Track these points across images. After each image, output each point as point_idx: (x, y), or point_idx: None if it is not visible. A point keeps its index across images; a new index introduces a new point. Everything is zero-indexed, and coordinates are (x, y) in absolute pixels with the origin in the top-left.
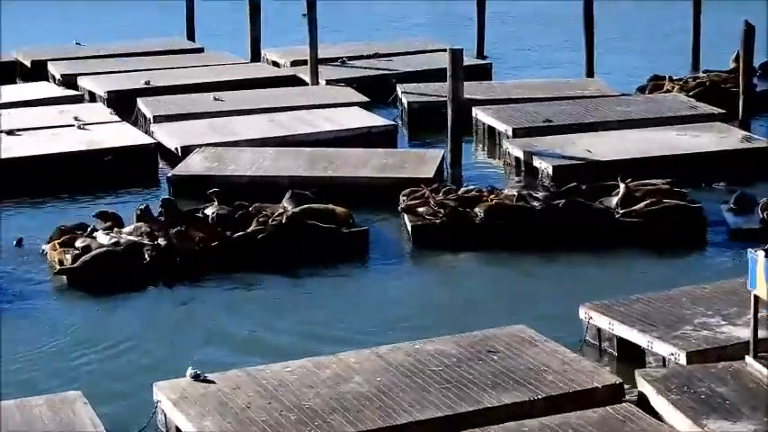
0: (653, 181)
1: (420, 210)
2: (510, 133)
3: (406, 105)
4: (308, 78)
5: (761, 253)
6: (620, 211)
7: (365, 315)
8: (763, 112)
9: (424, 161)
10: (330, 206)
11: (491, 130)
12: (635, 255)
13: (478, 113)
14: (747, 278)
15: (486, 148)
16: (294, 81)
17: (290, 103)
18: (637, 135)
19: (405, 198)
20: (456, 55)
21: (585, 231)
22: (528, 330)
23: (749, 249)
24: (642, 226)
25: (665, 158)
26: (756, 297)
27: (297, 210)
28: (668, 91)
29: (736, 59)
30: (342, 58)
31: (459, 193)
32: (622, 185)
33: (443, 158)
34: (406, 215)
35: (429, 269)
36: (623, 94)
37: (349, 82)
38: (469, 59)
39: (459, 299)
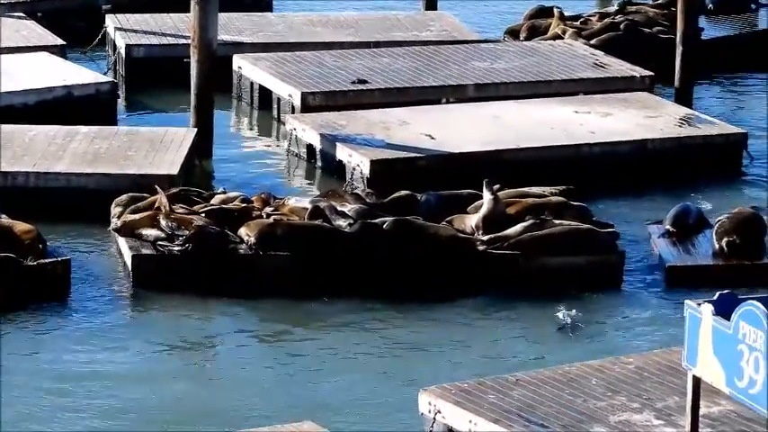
0: (536, 189)
1: (146, 231)
2: (297, 102)
3: (123, 51)
4: None
5: (706, 308)
6: (483, 238)
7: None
8: (716, 72)
9: (162, 147)
10: (5, 220)
11: (265, 94)
12: (505, 309)
13: (244, 67)
14: (684, 349)
15: (256, 126)
16: None
17: None
18: (508, 110)
19: (120, 210)
20: None
21: (423, 269)
22: (318, 429)
23: (687, 302)
24: (518, 261)
25: (555, 152)
26: (697, 380)
27: None
28: (558, 36)
29: None
30: None
31: (214, 202)
32: (488, 195)
33: (194, 143)
34: (121, 239)
35: (157, 328)
36: (486, 41)
37: (29, 8)
38: None
39: (207, 381)
